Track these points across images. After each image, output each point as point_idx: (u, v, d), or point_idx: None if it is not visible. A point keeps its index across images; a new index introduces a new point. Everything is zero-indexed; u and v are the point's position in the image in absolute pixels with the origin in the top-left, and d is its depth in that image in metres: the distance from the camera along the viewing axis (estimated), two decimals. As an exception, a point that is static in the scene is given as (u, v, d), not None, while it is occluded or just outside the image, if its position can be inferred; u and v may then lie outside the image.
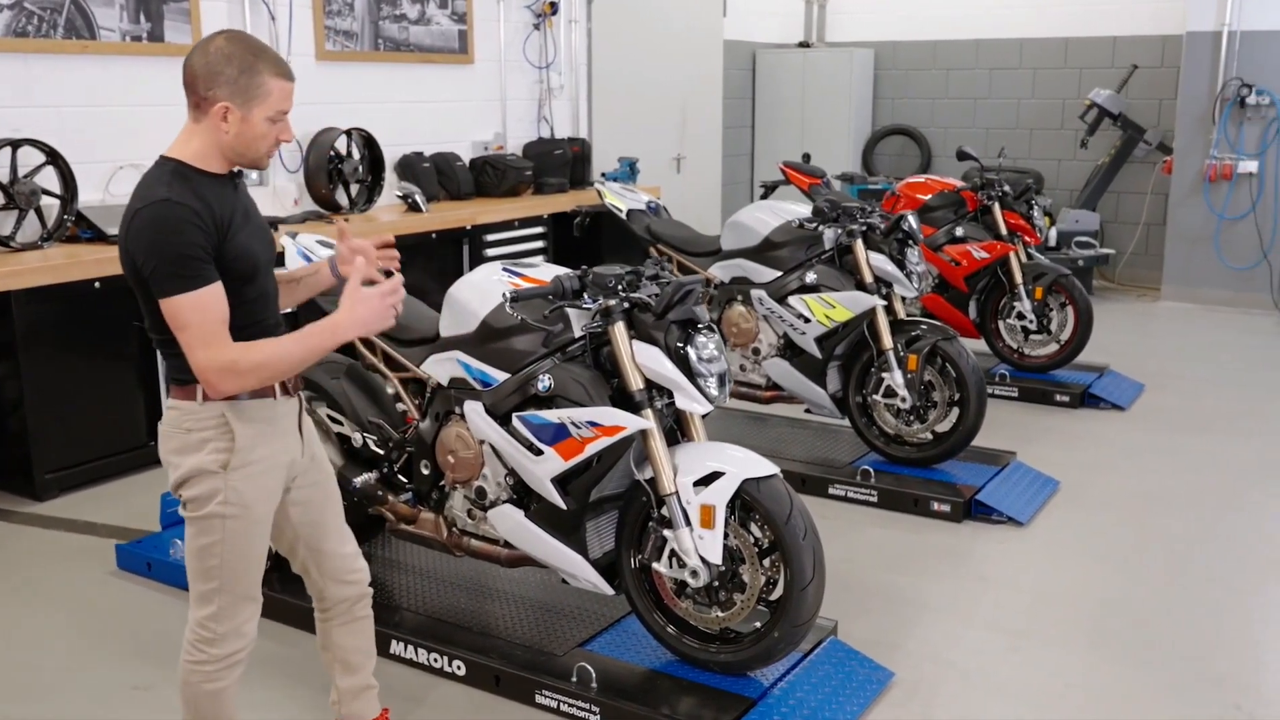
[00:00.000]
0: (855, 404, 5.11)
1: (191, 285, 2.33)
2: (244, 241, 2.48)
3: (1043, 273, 6.51)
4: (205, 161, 2.45)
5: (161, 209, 2.33)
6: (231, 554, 2.52)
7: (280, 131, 2.50)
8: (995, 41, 10.29)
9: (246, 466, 2.49)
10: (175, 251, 2.32)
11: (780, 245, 5.14)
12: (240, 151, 2.47)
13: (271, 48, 2.51)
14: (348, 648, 2.90)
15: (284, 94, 2.47)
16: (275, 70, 2.45)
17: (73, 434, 5.03)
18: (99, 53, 5.60)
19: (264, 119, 2.45)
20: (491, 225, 7.16)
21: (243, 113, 2.43)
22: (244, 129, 2.44)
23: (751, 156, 11.30)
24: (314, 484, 2.73)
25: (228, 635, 2.57)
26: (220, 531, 2.50)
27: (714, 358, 3.22)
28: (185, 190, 2.37)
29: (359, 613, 2.89)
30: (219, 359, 2.36)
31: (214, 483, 2.47)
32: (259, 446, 2.51)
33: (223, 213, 2.43)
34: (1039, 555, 4.36)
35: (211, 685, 2.59)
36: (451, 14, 7.57)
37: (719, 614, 3.21)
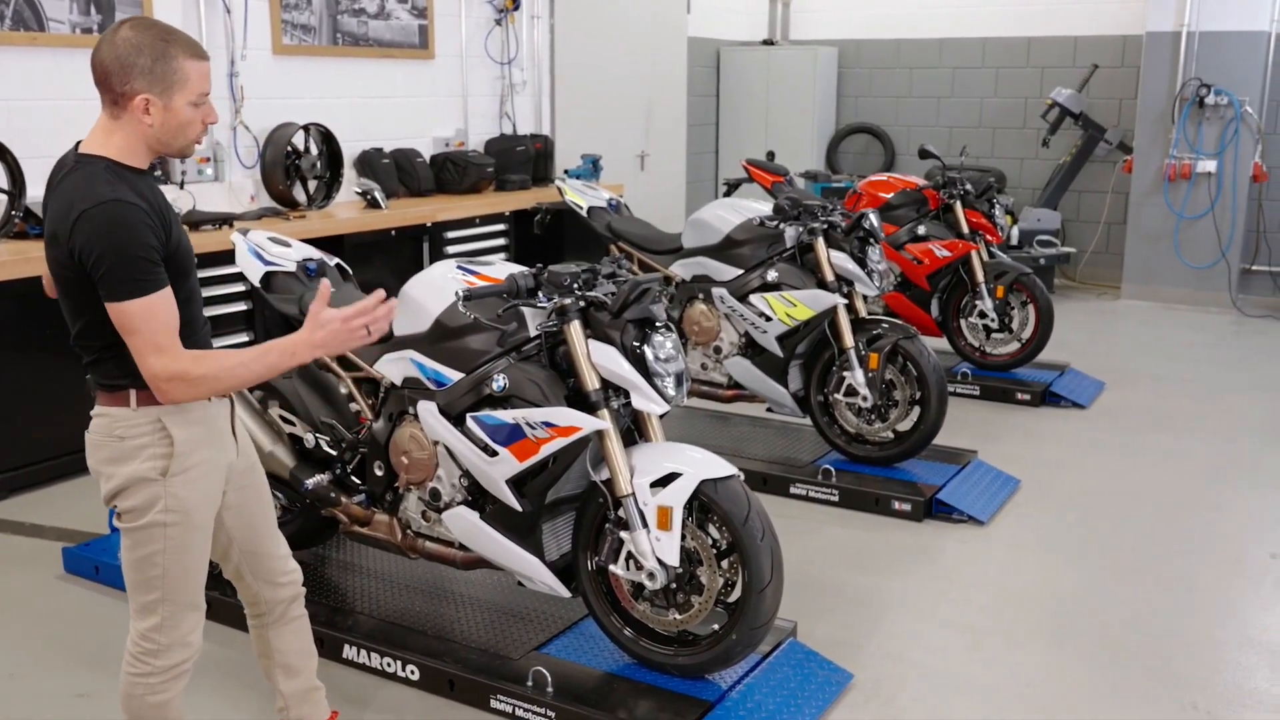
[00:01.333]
0: (817, 403, 5.09)
1: (144, 290, 2.26)
2: (179, 237, 2.41)
3: (1004, 271, 6.52)
4: (130, 157, 2.37)
5: (116, 209, 2.25)
6: (173, 563, 2.45)
7: (205, 114, 2.41)
8: (959, 40, 10.31)
9: (186, 472, 2.42)
10: (131, 254, 2.24)
11: (741, 243, 5.11)
12: (166, 142, 2.39)
13: (180, 29, 2.41)
14: (287, 650, 2.83)
15: (202, 75, 2.38)
16: (189, 52, 2.36)
17: (20, 435, 4.92)
18: (48, 45, 5.48)
19: (186, 104, 2.36)
20: (452, 223, 7.08)
21: (164, 102, 2.34)
22: (168, 118, 2.36)
23: (716, 154, 11.27)
24: (248, 486, 2.66)
25: (172, 646, 2.50)
26: (161, 540, 2.42)
27: (671, 357, 3.18)
28: (128, 189, 2.30)
29: (294, 613, 2.83)
30: (171, 367, 2.29)
31: (153, 490, 2.40)
32: (197, 450, 2.44)
33: (163, 210, 2.38)
34: (1000, 554, 4.35)
35: (156, 697, 2.52)
36: (411, 8, 7.48)
37: (676, 616, 3.17)
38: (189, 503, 2.43)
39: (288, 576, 2.79)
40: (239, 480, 2.62)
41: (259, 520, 2.71)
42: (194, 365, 2.31)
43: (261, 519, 2.72)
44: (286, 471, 3.66)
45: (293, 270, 3.74)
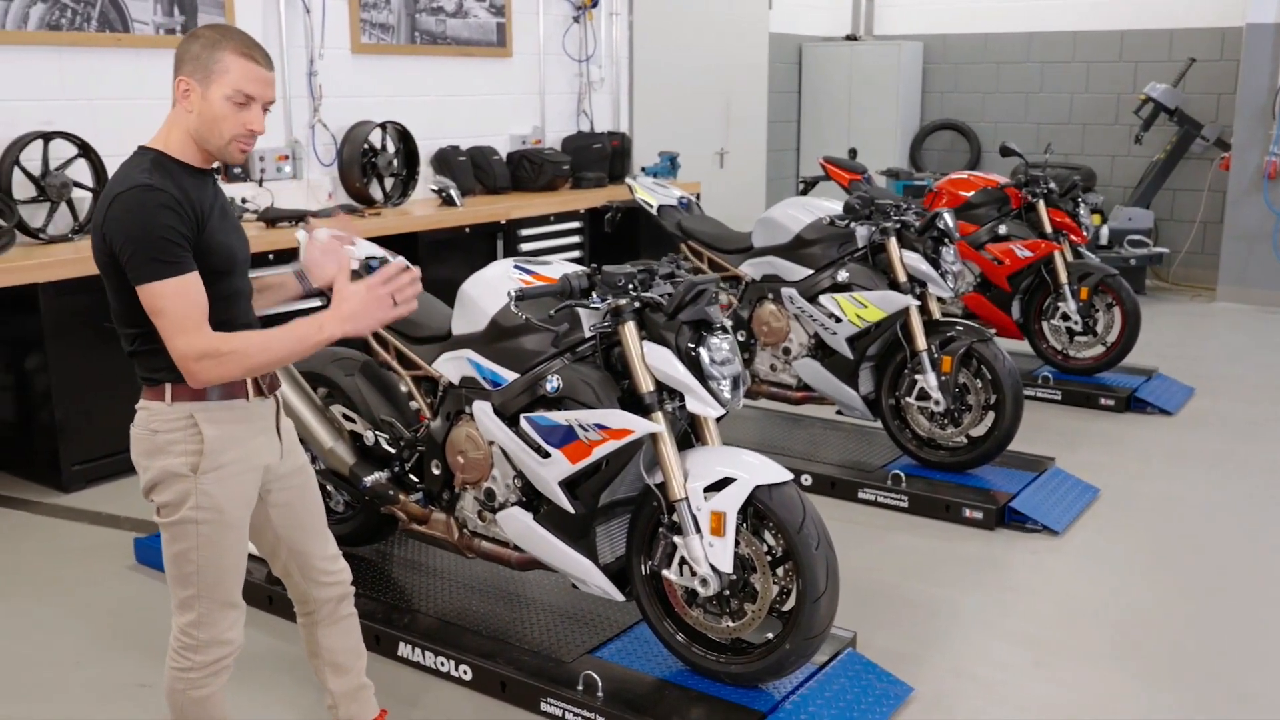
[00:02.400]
0: (888, 406, 4.98)
1: (170, 271, 2.28)
2: (221, 237, 2.42)
3: (1089, 272, 6.32)
4: (183, 153, 2.39)
5: (140, 194, 2.27)
6: (206, 560, 2.45)
7: (248, 119, 2.38)
8: (1048, 34, 10.05)
9: (217, 469, 2.42)
10: (155, 236, 2.26)
11: (812, 243, 5.02)
12: (204, 136, 2.37)
13: (252, 36, 2.43)
14: (335, 649, 2.83)
15: (246, 74, 2.35)
16: (239, 49, 2.36)
17: (99, 426, 5.03)
18: (132, 45, 5.61)
19: (222, 97, 2.34)
20: (527, 220, 7.10)
21: (202, 89, 2.35)
22: (204, 108, 2.35)
23: (797, 151, 11.15)
24: (295, 487, 2.66)
25: (210, 643, 2.51)
26: (194, 537, 2.43)
27: (727, 360, 3.12)
28: (163, 178, 2.32)
29: (343, 612, 2.83)
30: (198, 345, 2.29)
31: (184, 486, 2.40)
32: (229, 449, 2.44)
33: (200, 205, 2.37)
34: (1073, 566, 4.21)
35: (197, 692, 2.54)
36: (490, 7, 7.51)
37: (730, 624, 3.11)
38: (220, 500, 2.43)
39: (334, 576, 2.79)
40: (285, 481, 2.63)
41: (306, 521, 2.71)
42: (222, 342, 2.32)
43: (308, 520, 2.71)
44: (346, 468, 3.68)
45: (355, 268, 3.76)
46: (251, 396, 2.48)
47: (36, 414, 4.98)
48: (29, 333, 4.86)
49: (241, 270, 2.51)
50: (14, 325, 4.93)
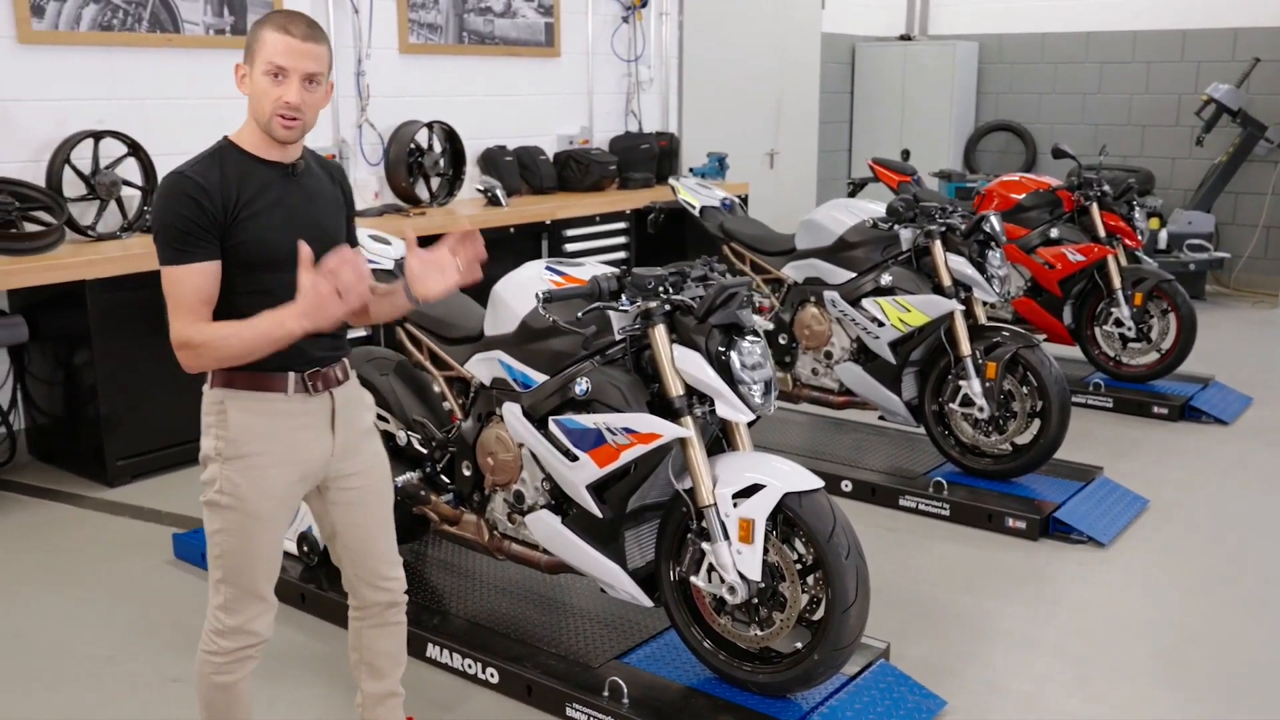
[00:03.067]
0: (931, 412, 4.89)
1: (178, 259, 2.33)
2: (258, 231, 2.40)
3: (1143, 277, 6.17)
4: (251, 143, 2.44)
5: (172, 181, 2.35)
6: (232, 546, 2.49)
7: (283, 90, 2.36)
8: (1107, 34, 9.85)
9: (240, 459, 2.44)
10: (169, 223, 2.33)
11: (855, 245, 4.95)
12: (256, 116, 2.41)
13: (301, 14, 2.44)
14: (376, 650, 2.84)
15: (277, 46, 2.36)
16: (276, 25, 2.39)
17: (145, 422, 5.10)
18: (182, 46, 5.67)
19: (261, 73, 2.38)
20: (572, 220, 7.08)
21: (249, 70, 2.41)
22: (253, 89, 2.40)
23: (849, 152, 11.04)
24: (355, 489, 2.65)
25: (235, 630, 2.53)
26: (220, 520, 2.48)
27: (759, 364, 3.07)
28: (209, 166, 2.38)
29: (391, 618, 2.83)
30: (180, 334, 2.36)
31: (214, 469, 2.46)
32: (256, 440, 2.45)
33: (241, 194, 2.38)
34: (1118, 579, 4.10)
35: (220, 677, 2.57)
36: (538, 7, 7.51)
37: (758, 632, 3.06)
38: (243, 490, 2.45)
39: (388, 583, 2.78)
40: (343, 482, 2.62)
41: (364, 525, 2.70)
42: (195, 333, 2.35)
43: (367, 524, 2.70)
44: None
45: (389, 268, 3.76)
46: (291, 392, 2.48)
47: (83, 409, 5.05)
48: (77, 329, 4.93)
49: (290, 268, 2.33)
50: (62, 321, 5.01)
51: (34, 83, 5.17)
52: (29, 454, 5.38)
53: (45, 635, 3.70)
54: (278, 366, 2.44)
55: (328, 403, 2.56)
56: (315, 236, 2.43)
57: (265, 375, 2.45)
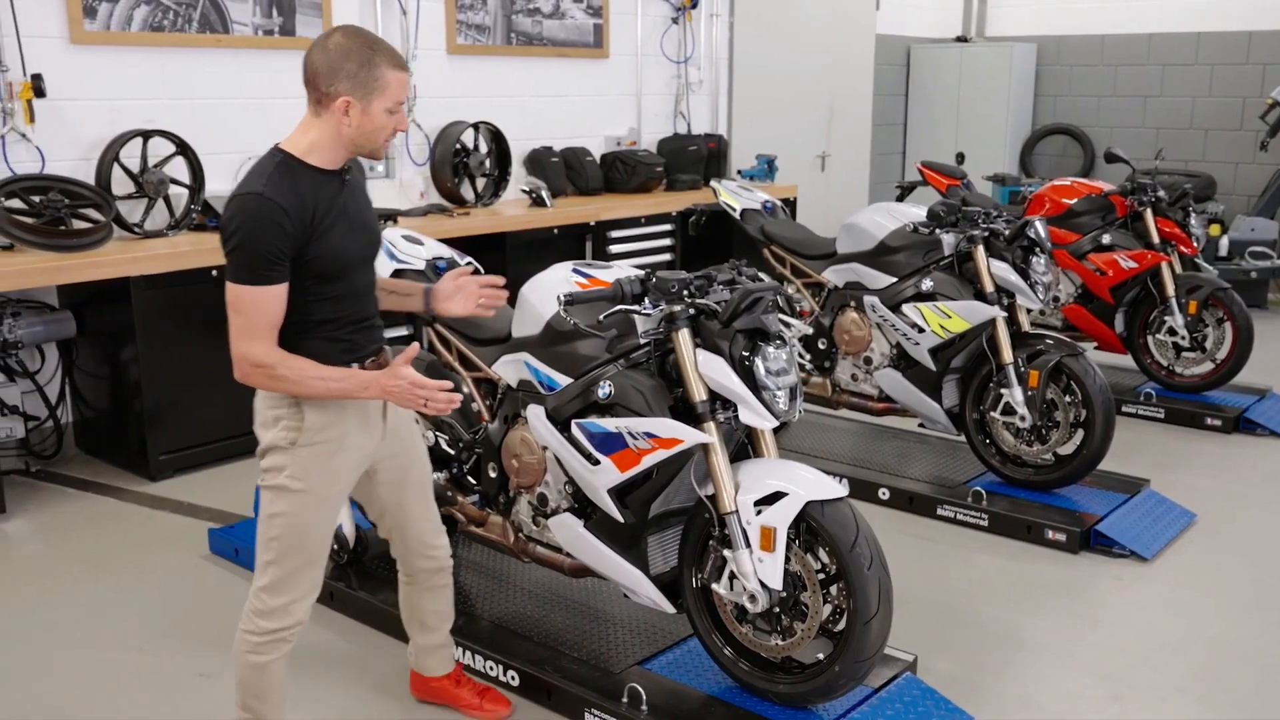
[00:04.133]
0: (972, 420, 4.81)
1: (255, 281, 2.45)
2: (334, 241, 2.55)
3: (1198, 285, 6.02)
4: (317, 156, 2.54)
5: (253, 203, 2.44)
6: (290, 529, 2.63)
7: (397, 122, 2.58)
8: (1169, 35, 9.64)
9: (313, 445, 2.60)
10: (250, 247, 2.43)
11: (896, 250, 4.88)
12: (360, 143, 2.56)
13: (385, 40, 2.60)
14: (426, 610, 3.10)
15: (401, 85, 2.56)
16: (392, 63, 2.54)
17: (187, 417, 5.17)
18: (231, 46, 5.74)
19: (383, 110, 2.53)
20: (616, 222, 7.07)
21: (363, 105, 2.51)
22: (364, 121, 2.52)
23: (903, 155, 10.92)
24: (399, 468, 2.87)
25: (277, 611, 2.66)
26: (283, 504, 2.62)
27: (783, 370, 3.03)
28: (284, 186, 2.47)
29: (438, 582, 3.09)
30: (258, 355, 2.49)
31: (282, 458, 2.61)
32: (328, 429, 2.61)
33: (317, 210, 2.51)
34: (1159, 595, 4.00)
35: (256, 657, 2.69)
36: (587, 8, 7.51)
37: (779, 641, 3.02)
38: (312, 474, 2.61)
39: (433, 551, 3.03)
40: (388, 462, 2.84)
41: (412, 499, 2.93)
42: (281, 363, 2.50)
43: (415, 498, 2.94)
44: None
45: (421, 268, 3.77)
46: None
47: (128, 404, 5.12)
48: (123, 325, 5.00)
49: (359, 269, 2.66)
50: (109, 317, 5.09)
51: (85, 82, 5.26)
52: (75, 447, 5.48)
53: (79, 626, 3.76)
54: (342, 361, 2.63)
55: None
56: (370, 237, 2.73)
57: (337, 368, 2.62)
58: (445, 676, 3.22)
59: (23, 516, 4.69)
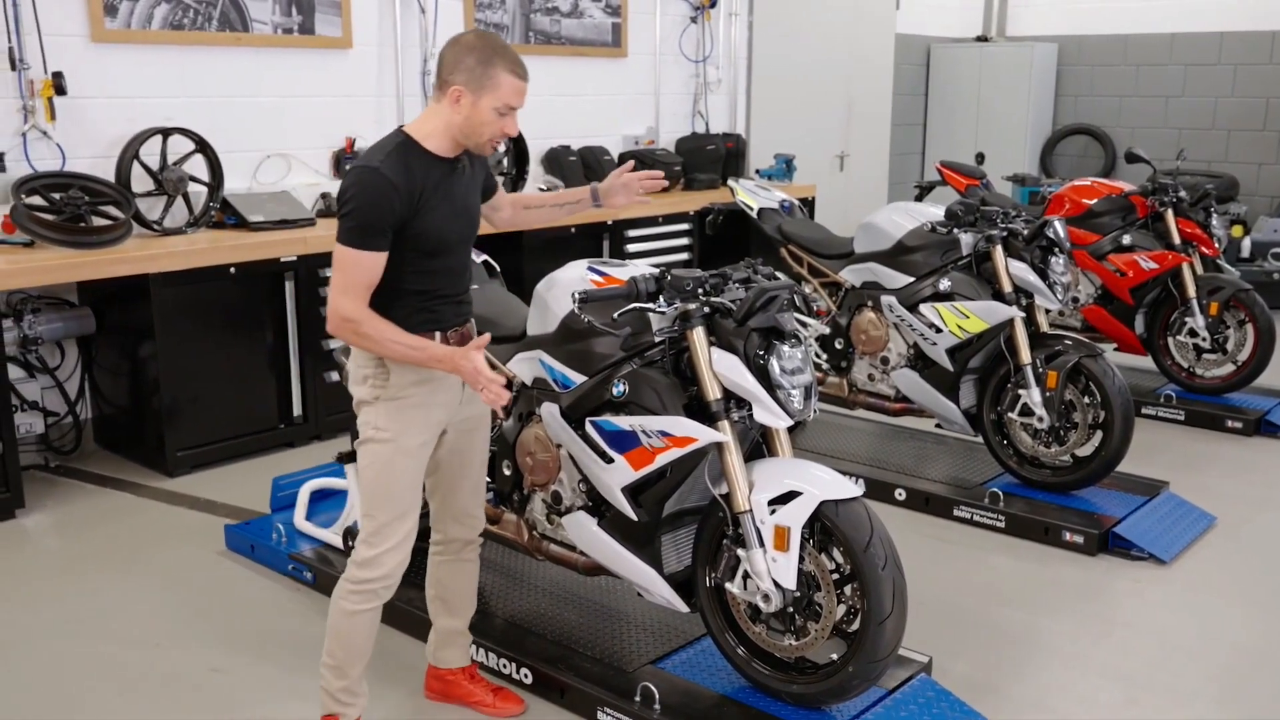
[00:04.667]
0: (989, 421, 4.78)
1: (360, 245, 2.63)
2: (434, 222, 2.72)
3: (1219, 286, 5.97)
4: (431, 140, 2.72)
5: (370, 176, 2.63)
6: (379, 479, 2.80)
7: (506, 125, 2.72)
8: (1192, 35, 9.57)
9: (396, 400, 2.78)
10: (361, 215, 2.62)
11: (913, 250, 4.86)
12: (466, 134, 2.71)
13: (513, 50, 2.75)
14: (450, 586, 3.17)
15: (514, 90, 2.69)
16: (509, 67, 2.68)
17: (206, 414, 5.19)
18: (251, 45, 5.77)
19: (491, 109, 2.68)
20: (634, 221, 7.06)
21: (473, 98, 2.67)
22: (472, 114, 2.68)
23: (923, 155, 10.88)
24: (466, 431, 3.00)
25: (370, 561, 2.81)
26: (371, 455, 2.81)
27: (798, 369, 3.01)
28: (399, 164, 2.66)
29: (467, 555, 3.16)
30: (349, 311, 2.66)
31: (370, 412, 2.81)
32: (410, 388, 2.78)
33: (425, 190, 2.68)
34: (1179, 598, 3.97)
35: (348, 604, 2.84)
36: (605, 7, 7.51)
37: (792, 642, 3.01)
38: (395, 425, 2.78)
39: (471, 521, 3.13)
40: (460, 426, 2.97)
41: (467, 463, 3.06)
42: (366, 322, 2.67)
43: (470, 463, 3.06)
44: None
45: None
46: None
47: (146, 400, 5.15)
48: (141, 321, 5.03)
49: (452, 251, 2.82)
50: (128, 314, 5.12)
51: (106, 80, 5.29)
52: (94, 442, 5.50)
53: (95, 621, 3.78)
54: (427, 327, 2.79)
55: None
56: (469, 221, 2.89)
57: (419, 336, 2.75)
58: (460, 670, 3.23)
59: (41, 511, 4.72)
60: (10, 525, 4.58)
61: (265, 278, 5.33)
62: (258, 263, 5.24)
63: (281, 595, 3.97)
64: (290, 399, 5.50)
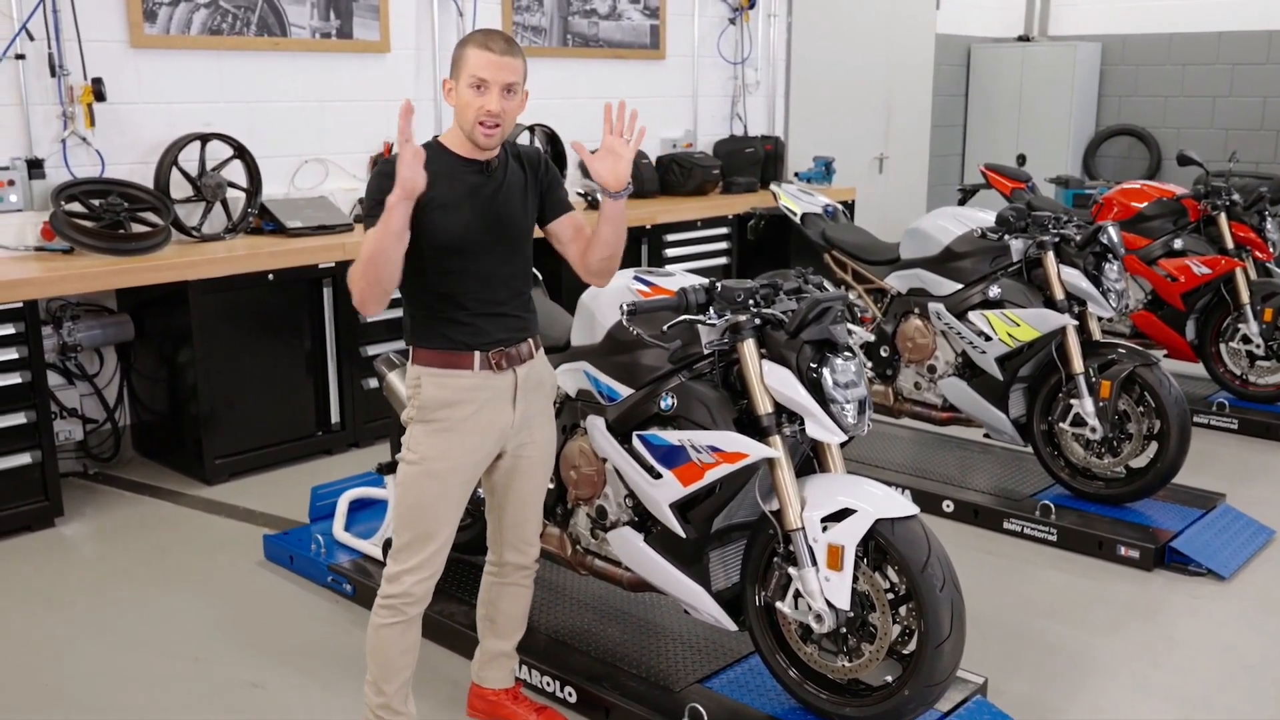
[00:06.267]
0: (1040, 431, 4.66)
1: (369, 223, 2.61)
2: (452, 220, 2.68)
3: (1274, 291, 5.82)
4: (453, 142, 2.73)
5: (381, 164, 2.66)
6: (407, 499, 2.78)
7: (485, 101, 2.62)
8: (1240, 34, 9.37)
9: (429, 422, 2.75)
10: (371, 193, 2.64)
11: (962, 256, 4.75)
12: (461, 124, 2.68)
13: (500, 31, 2.72)
14: (500, 608, 3.09)
15: (480, 62, 2.61)
16: (478, 42, 2.63)
17: (244, 421, 5.16)
18: (289, 49, 5.74)
19: (466, 86, 2.63)
20: (672, 225, 6.98)
21: (454, 83, 2.67)
22: (458, 101, 2.66)
23: (963, 157, 10.73)
24: (525, 458, 2.92)
25: (397, 576, 2.80)
26: (402, 474, 2.80)
27: (852, 383, 2.93)
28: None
29: (521, 580, 3.09)
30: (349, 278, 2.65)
31: (409, 431, 2.80)
32: (445, 409, 2.74)
33: (438, 182, 2.62)
34: (1239, 615, 3.85)
35: (376, 619, 2.84)
36: (644, 9, 7.44)
37: (846, 663, 2.92)
38: (425, 448, 2.76)
39: (526, 547, 3.05)
40: (519, 451, 2.91)
41: (527, 493, 2.98)
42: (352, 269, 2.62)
43: (530, 493, 2.99)
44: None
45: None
46: (477, 369, 2.76)
47: (184, 407, 5.12)
48: (180, 328, 5.00)
49: (479, 254, 2.73)
50: (166, 320, 5.09)
51: (145, 86, 5.27)
52: (133, 450, 5.49)
53: (134, 631, 3.75)
54: (464, 345, 2.75)
55: (511, 379, 2.82)
56: (502, 227, 2.77)
57: (454, 354, 2.75)
58: (504, 691, 3.16)
59: (80, 519, 4.70)
60: (49, 534, 4.56)
61: (303, 284, 5.30)
62: (296, 269, 5.20)
63: (321, 607, 3.92)
64: (328, 406, 5.47)
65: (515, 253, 2.82)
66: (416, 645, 2.89)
